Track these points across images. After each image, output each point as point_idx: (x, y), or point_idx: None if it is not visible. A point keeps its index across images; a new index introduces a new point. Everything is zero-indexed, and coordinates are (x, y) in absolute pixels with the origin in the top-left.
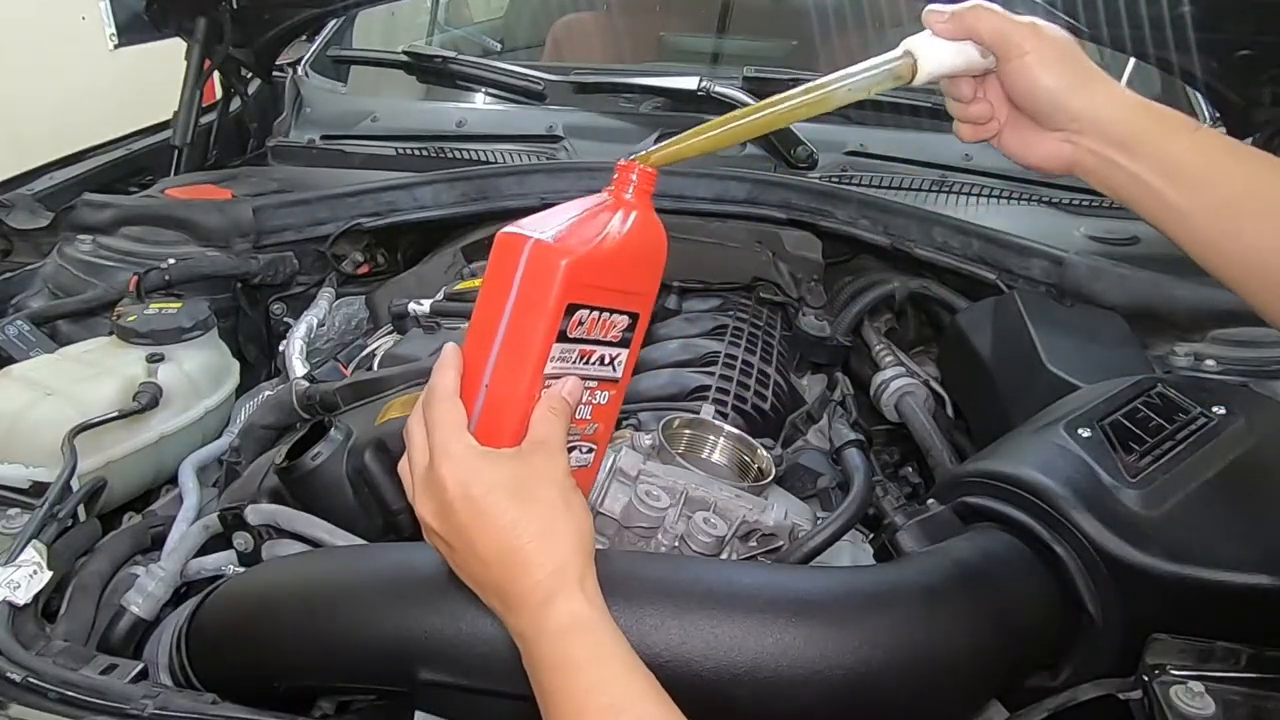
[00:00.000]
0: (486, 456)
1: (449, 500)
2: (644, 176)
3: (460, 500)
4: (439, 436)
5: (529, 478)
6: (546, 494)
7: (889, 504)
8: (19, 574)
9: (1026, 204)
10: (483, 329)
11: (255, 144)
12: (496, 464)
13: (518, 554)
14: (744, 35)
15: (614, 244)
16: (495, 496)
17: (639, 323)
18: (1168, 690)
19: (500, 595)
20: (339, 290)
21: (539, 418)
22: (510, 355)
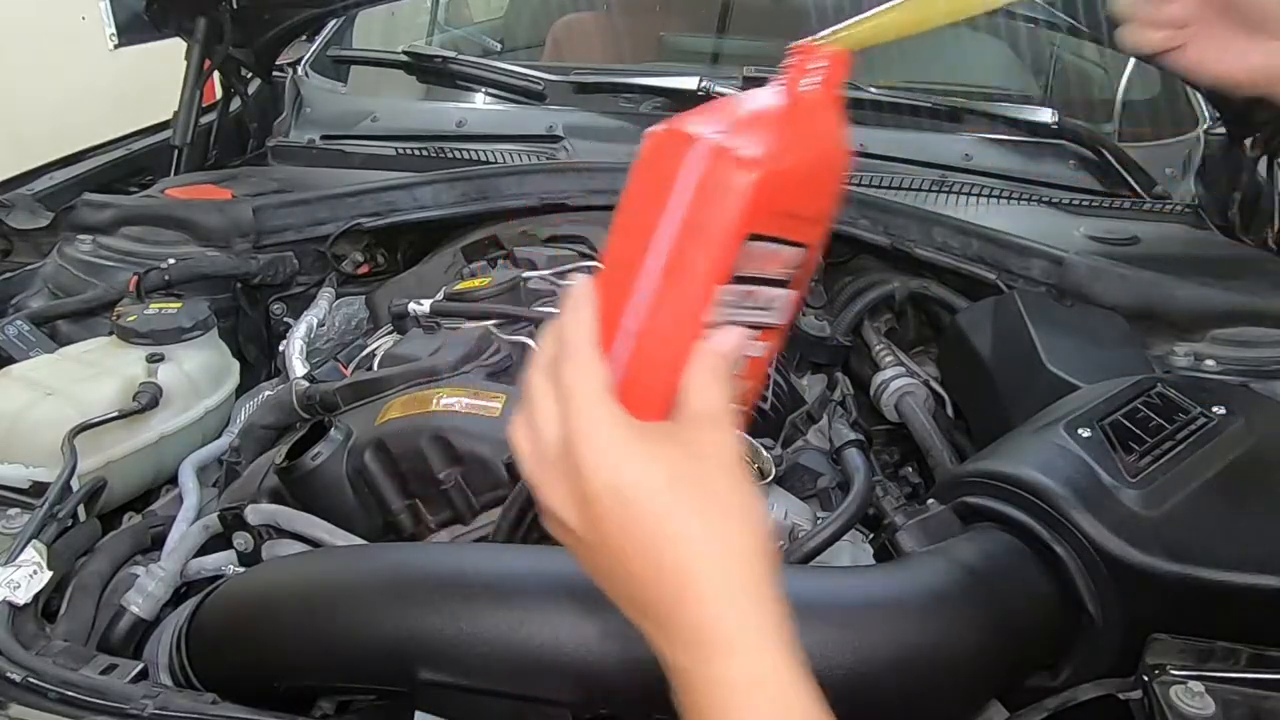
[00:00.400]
0: (642, 436)
1: (591, 492)
2: (836, 62)
3: (607, 493)
4: (577, 404)
5: (696, 465)
6: (719, 487)
7: (889, 504)
8: (19, 574)
9: (1026, 204)
10: (627, 260)
11: (255, 144)
12: (655, 445)
13: (684, 572)
14: (744, 35)
15: (808, 155)
16: (653, 490)
17: (809, 257)
18: (1168, 690)
19: (657, 620)
20: (339, 290)
21: (699, 382)
22: (669, 297)
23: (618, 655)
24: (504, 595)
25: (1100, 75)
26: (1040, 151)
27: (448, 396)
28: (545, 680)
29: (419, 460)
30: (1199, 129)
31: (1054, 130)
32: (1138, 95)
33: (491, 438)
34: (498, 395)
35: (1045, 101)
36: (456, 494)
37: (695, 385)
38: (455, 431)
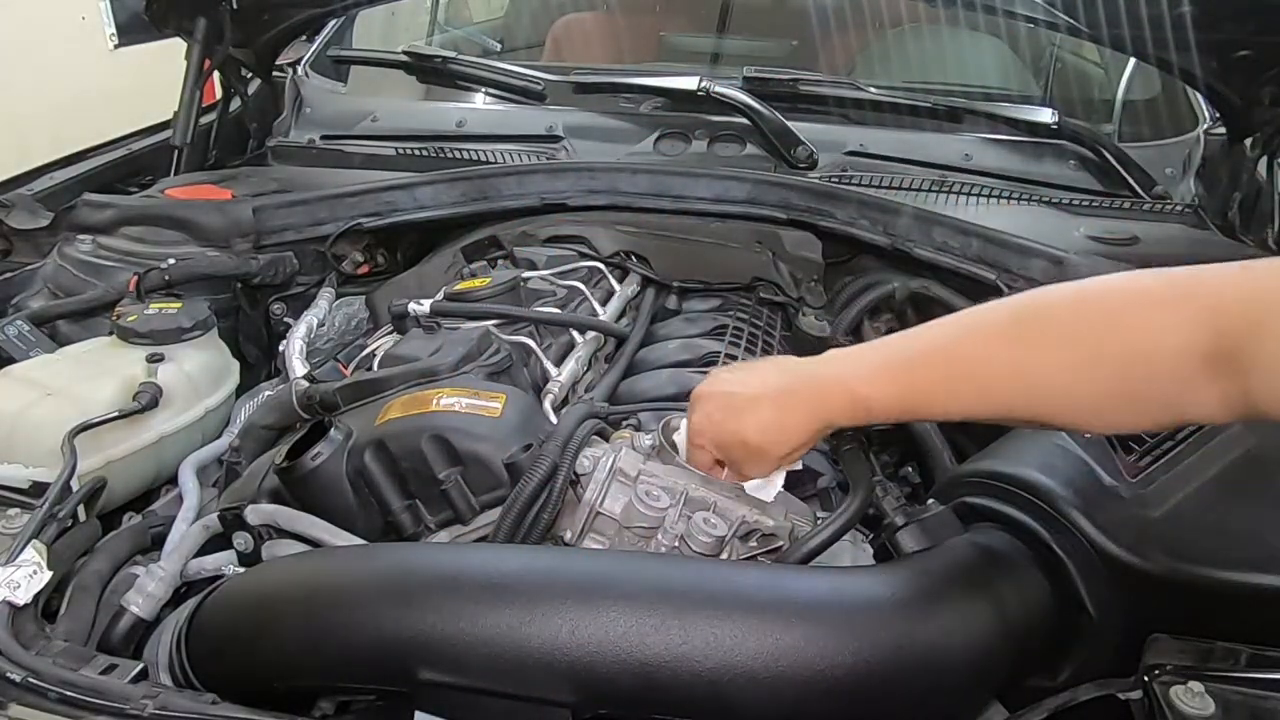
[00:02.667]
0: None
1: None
2: None
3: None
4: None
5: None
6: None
7: (889, 504)
8: (19, 574)
9: (1026, 204)
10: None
11: (255, 144)
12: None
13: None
14: (744, 35)
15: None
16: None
17: None
18: (1168, 690)
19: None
20: (339, 290)
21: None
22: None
23: (618, 655)
24: (504, 595)
25: (1100, 75)
26: (1040, 151)
27: (448, 396)
28: (545, 680)
29: (419, 460)
30: (1199, 129)
31: (1054, 130)
32: (1138, 95)
33: (491, 438)
34: (498, 395)
35: (1045, 101)
36: (456, 494)
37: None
38: (455, 431)
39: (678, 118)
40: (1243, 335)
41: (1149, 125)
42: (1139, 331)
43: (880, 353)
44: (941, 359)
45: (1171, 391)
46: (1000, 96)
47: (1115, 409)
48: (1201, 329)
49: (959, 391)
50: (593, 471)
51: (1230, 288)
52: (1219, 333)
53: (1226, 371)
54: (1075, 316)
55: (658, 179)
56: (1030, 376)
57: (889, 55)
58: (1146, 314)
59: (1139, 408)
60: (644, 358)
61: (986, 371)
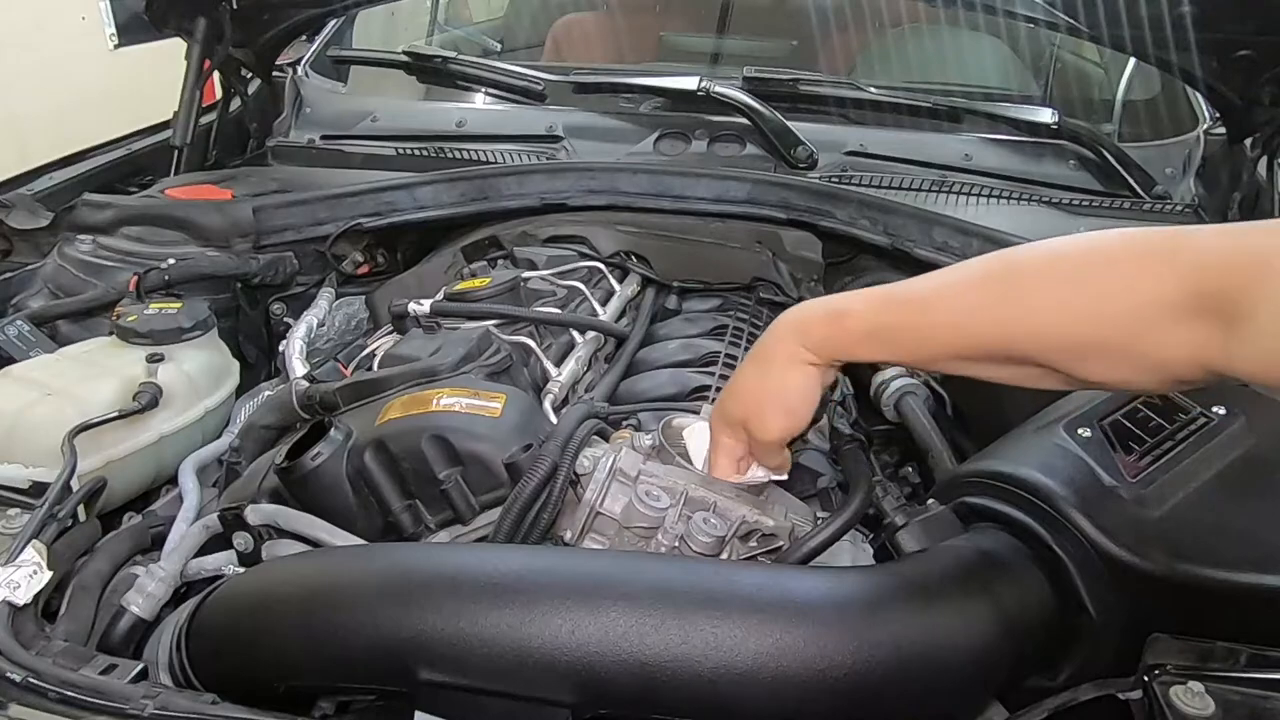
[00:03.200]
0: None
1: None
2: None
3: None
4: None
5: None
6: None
7: (889, 504)
8: (19, 574)
9: (1026, 204)
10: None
11: (255, 144)
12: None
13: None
14: (744, 35)
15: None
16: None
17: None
18: (1168, 690)
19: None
20: (339, 290)
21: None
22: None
23: (618, 655)
24: (504, 595)
25: (1100, 75)
26: (1040, 151)
27: (448, 396)
28: (545, 680)
29: (419, 460)
30: (1199, 129)
31: (1054, 130)
32: (1138, 95)
33: (491, 438)
34: (498, 395)
35: (1045, 101)
36: (456, 494)
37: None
38: (455, 431)
39: (678, 118)
40: (1222, 300)
41: (1149, 125)
42: (1120, 291)
43: (864, 290)
44: (914, 297)
45: (1147, 346)
46: (1000, 96)
47: (1094, 358)
48: (1182, 288)
49: (931, 327)
50: (593, 471)
51: (1214, 249)
52: (1198, 293)
53: (1201, 333)
54: (1051, 265)
55: (658, 179)
56: (1010, 314)
57: (889, 55)
58: (1128, 271)
59: (1114, 360)
60: (644, 358)
61: (964, 305)
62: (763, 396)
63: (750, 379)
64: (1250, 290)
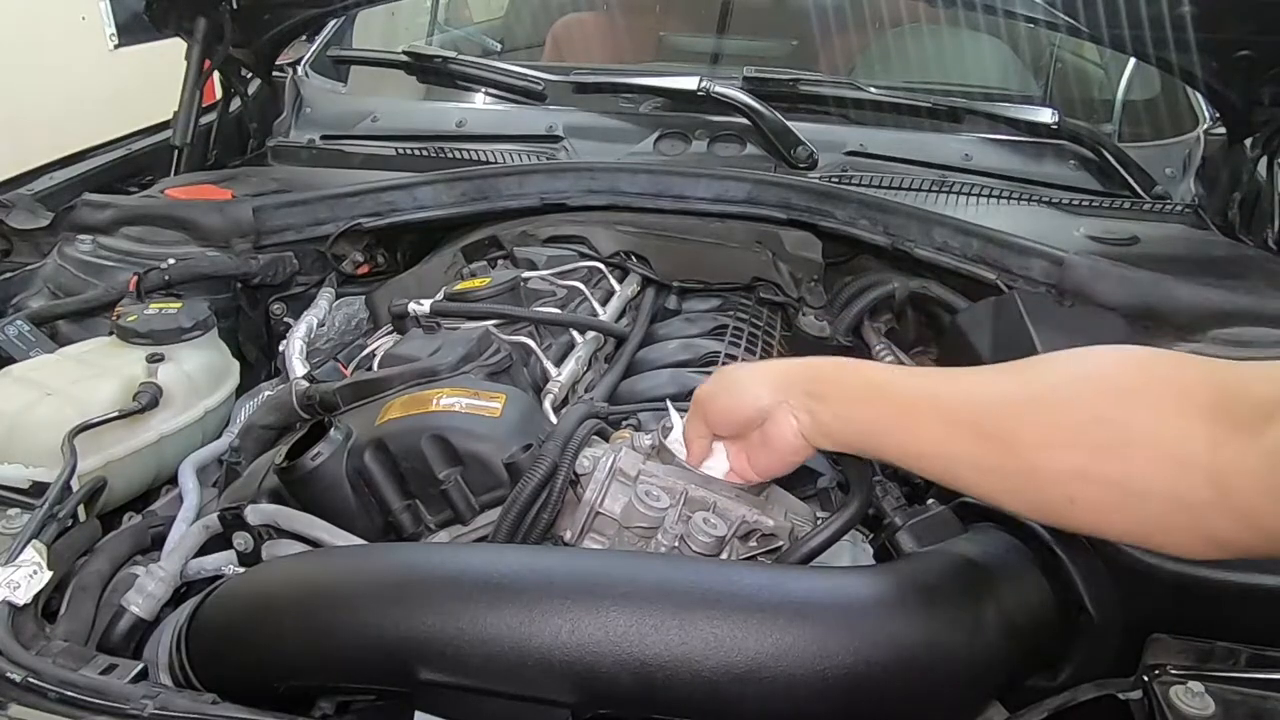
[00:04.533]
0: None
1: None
2: None
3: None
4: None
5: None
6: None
7: (889, 504)
8: (19, 574)
9: (1026, 204)
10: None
11: (255, 144)
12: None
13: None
14: (744, 35)
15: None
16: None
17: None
18: (1168, 690)
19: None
20: (339, 290)
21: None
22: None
23: (618, 655)
24: (504, 595)
25: (1100, 75)
26: (1040, 151)
27: (448, 396)
28: (545, 680)
29: (419, 460)
30: (1199, 129)
31: (1054, 130)
32: (1138, 95)
33: (491, 438)
34: (498, 395)
35: (1045, 101)
36: (456, 494)
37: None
38: (455, 431)
39: (678, 118)
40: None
41: (1149, 125)
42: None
43: (869, 408)
44: (918, 455)
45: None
46: (1000, 96)
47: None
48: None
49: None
50: (593, 471)
51: (1250, 378)
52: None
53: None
54: (1061, 423)
55: (658, 179)
56: (1016, 485)
57: (889, 55)
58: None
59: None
60: (644, 358)
61: (961, 467)
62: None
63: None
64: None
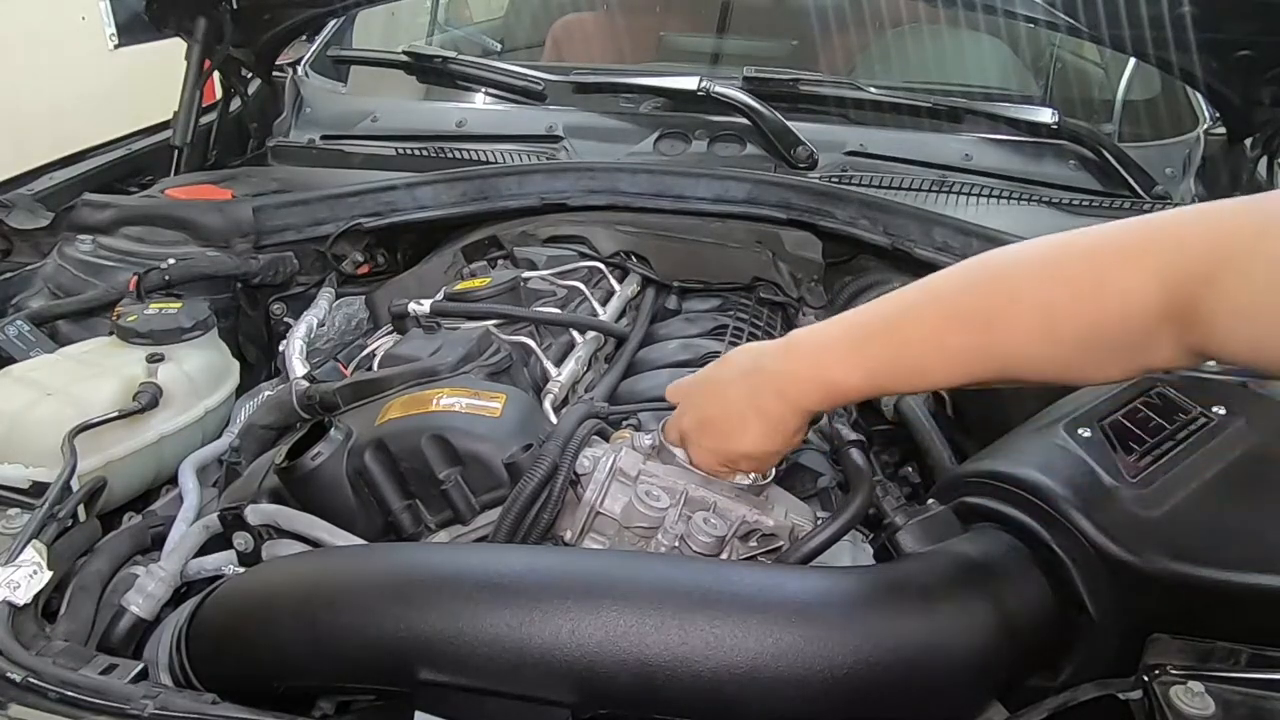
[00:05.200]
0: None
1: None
2: None
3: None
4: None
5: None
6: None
7: (889, 504)
8: (19, 574)
9: (1026, 204)
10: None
11: (255, 144)
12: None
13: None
14: (744, 35)
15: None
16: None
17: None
18: (1168, 690)
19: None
20: (339, 290)
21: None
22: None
23: (618, 655)
24: (504, 595)
25: (1100, 75)
26: (1040, 151)
27: (448, 396)
28: (545, 680)
29: (419, 460)
30: (1199, 129)
31: (1054, 130)
32: (1138, 95)
33: (491, 438)
34: (498, 395)
35: (1045, 101)
36: (456, 494)
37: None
38: (455, 431)
39: (678, 118)
40: (1200, 287)
41: (1149, 125)
42: (1101, 295)
43: (846, 333)
44: (900, 339)
45: (1134, 345)
46: (1000, 96)
47: (1080, 365)
48: (1161, 284)
49: (925, 368)
50: (593, 471)
51: (1190, 237)
52: (1177, 285)
53: (1183, 324)
54: (1037, 285)
55: (658, 179)
56: (994, 348)
57: (889, 55)
58: (1107, 275)
59: (1102, 362)
60: (644, 358)
61: (950, 346)
62: (764, 451)
63: (750, 446)
64: (1215, 283)
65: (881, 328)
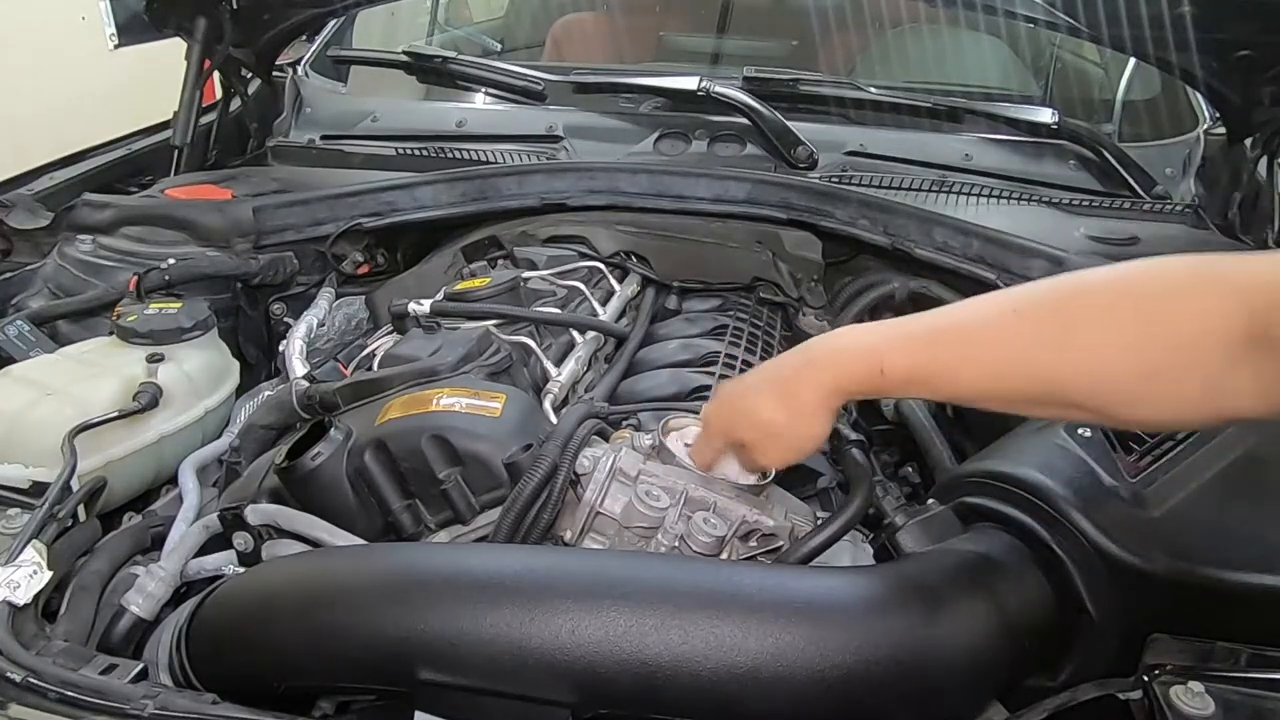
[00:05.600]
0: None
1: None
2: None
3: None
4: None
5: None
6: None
7: (889, 504)
8: (19, 574)
9: (1026, 204)
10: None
11: (255, 144)
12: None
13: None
14: (744, 35)
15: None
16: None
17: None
18: (1168, 690)
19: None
20: (339, 290)
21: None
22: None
23: (618, 655)
24: (504, 595)
25: (1100, 75)
26: (1040, 151)
27: (448, 396)
28: (545, 680)
29: (419, 460)
30: (1199, 129)
31: (1054, 130)
32: (1138, 95)
33: (491, 438)
34: (498, 395)
35: (1045, 101)
36: (456, 494)
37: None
38: (455, 431)
39: (678, 118)
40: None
41: (1149, 125)
42: (1181, 316)
43: (901, 324)
44: (960, 334)
45: (1210, 378)
46: (1000, 96)
47: (1151, 396)
48: (1238, 311)
49: (978, 367)
50: (593, 471)
51: (1264, 269)
52: (1253, 313)
53: (1262, 354)
54: (1113, 301)
55: (658, 179)
56: (1064, 359)
57: (889, 55)
58: (1186, 299)
59: (1175, 395)
60: (644, 358)
61: (1011, 351)
62: (778, 431)
63: (768, 410)
64: None
65: (943, 324)
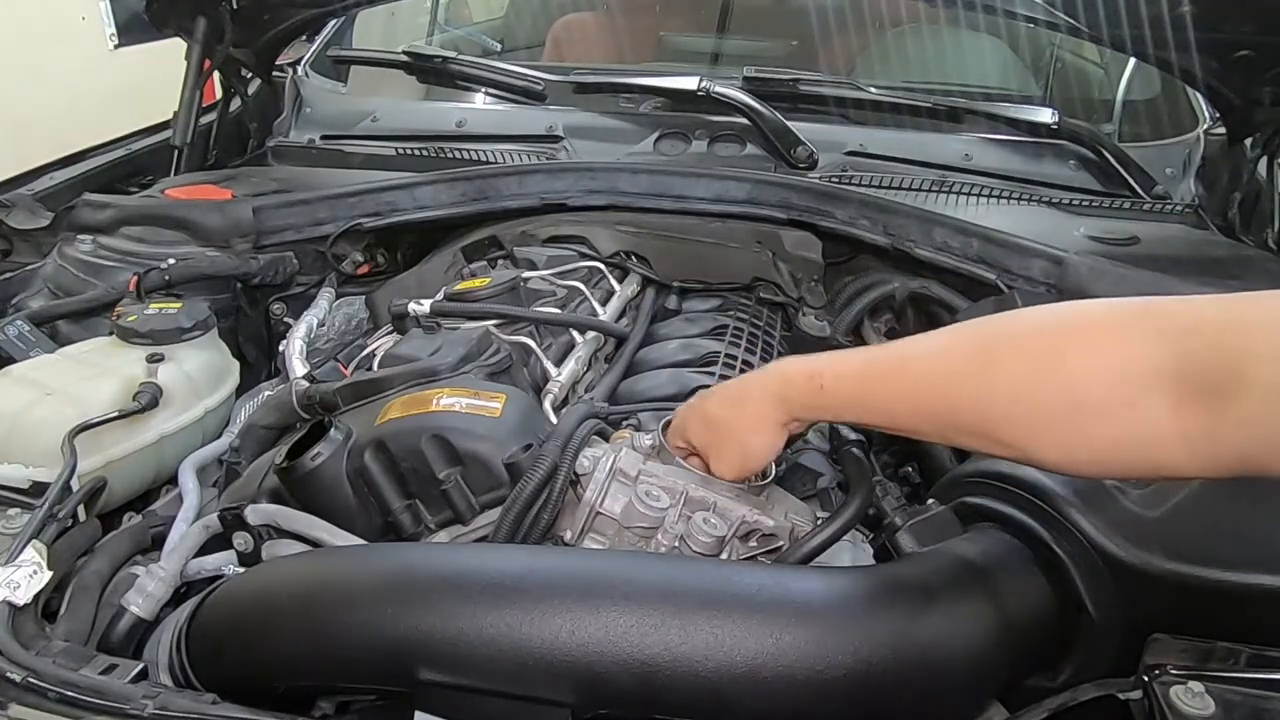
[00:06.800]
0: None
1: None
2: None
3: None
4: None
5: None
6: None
7: (889, 504)
8: (19, 574)
9: (1026, 204)
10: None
11: (255, 144)
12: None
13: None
14: (744, 35)
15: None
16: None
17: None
18: (1168, 690)
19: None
20: (339, 290)
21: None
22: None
23: (618, 655)
24: (504, 595)
25: (1100, 75)
26: (1040, 151)
27: (448, 396)
28: (545, 680)
29: (419, 460)
30: (1199, 129)
31: (1054, 130)
32: (1138, 95)
33: (491, 438)
34: (498, 395)
35: (1045, 101)
36: (456, 494)
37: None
38: (455, 431)
39: (678, 118)
40: (1221, 367)
41: (1149, 125)
42: (1083, 354)
43: (847, 351)
44: (895, 360)
45: (1122, 422)
46: (1000, 96)
47: (1056, 435)
48: (1158, 354)
49: (909, 391)
50: (593, 471)
51: (1202, 311)
52: (1186, 355)
53: (1193, 401)
54: (1027, 337)
55: (658, 179)
56: (980, 390)
57: (889, 55)
58: (1092, 337)
59: (1082, 436)
60: (644, 358)
61: (938, 377)
62: (725, 435)
63: (715, 407)
64: (1242, 367)
65: (885, 354)
